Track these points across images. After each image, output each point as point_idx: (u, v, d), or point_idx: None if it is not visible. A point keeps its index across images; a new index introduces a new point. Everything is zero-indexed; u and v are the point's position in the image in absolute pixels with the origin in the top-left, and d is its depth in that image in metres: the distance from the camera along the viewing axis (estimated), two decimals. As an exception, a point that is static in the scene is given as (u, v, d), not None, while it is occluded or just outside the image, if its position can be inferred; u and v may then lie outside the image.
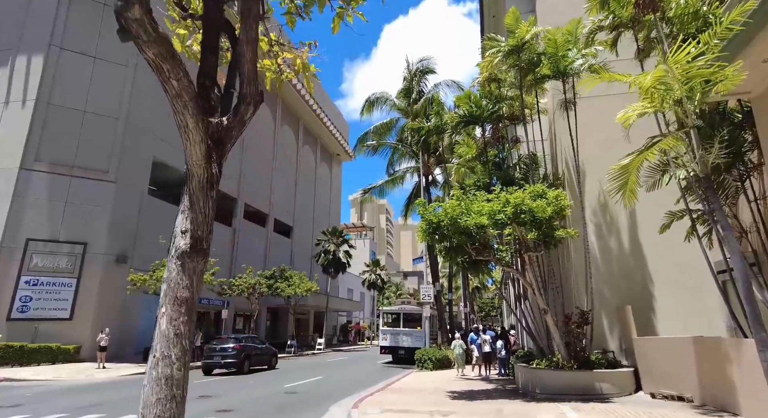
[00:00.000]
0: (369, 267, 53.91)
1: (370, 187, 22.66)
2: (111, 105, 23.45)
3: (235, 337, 19.59)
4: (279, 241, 40.35)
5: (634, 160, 5.99)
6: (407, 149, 21.20)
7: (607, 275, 11.93)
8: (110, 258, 22.13)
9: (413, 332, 22.55)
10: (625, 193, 6.53)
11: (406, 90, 23.90)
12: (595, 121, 13.00)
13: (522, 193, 9.82)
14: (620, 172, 6.33)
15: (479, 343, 14.61)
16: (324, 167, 53.38)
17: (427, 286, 18.64)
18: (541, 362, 10.95)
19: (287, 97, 42.55)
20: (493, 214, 9.84)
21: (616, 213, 12.28)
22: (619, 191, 6.73)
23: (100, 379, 14.87)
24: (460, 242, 10.55)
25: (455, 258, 11.47)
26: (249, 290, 25.80)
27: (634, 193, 6.55)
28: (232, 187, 33.55)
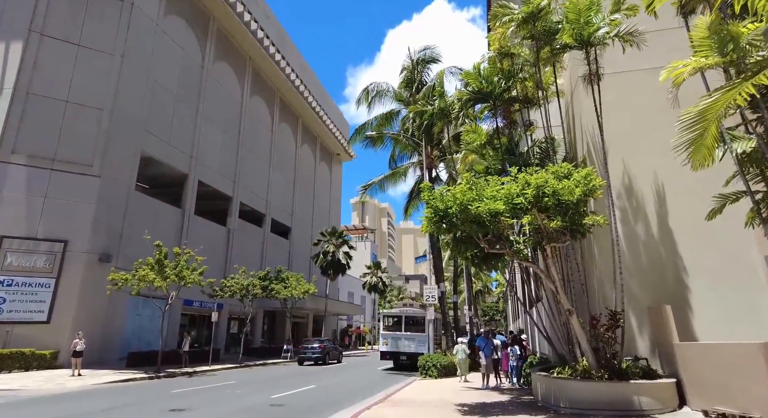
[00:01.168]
0: (370, 270, 52.47)
1: (370, 183, 21.26)
2: (95, 96, 22.18)
3: (319, 340, 27.24)
4: (276, 242, 38.96)
5: (718, 102, 4.50)
6: (409, 141, 19.78)
7: (635, 269, 10.50)
8: (93, 257, 20.75)
9: (416, 336, 21.09)
10: (698, 150, 5.08)
11: (407, 80, 22.56)
12: (618, 99, 11.62)
13: (544, 173, 8.41)
14: (694, 120, 4.87)
15: (490, 349, 13.08)
16: (324, 167, 52.06)
17: (430, 287, 17.20)
18: (564, 371, 9.50)
19: (286, 93, 41.34)
20: (510, 198, 8.43)
21: (643, 198, 10.88)
22: (688, 148, 5.28)
23: (71, 388, 13.45)
24: (470, 232, 9.13)
25: (464, 252, 10.06)
26: (242, 292, 24.35)
27: (711, 150, 5.09)
28: (227, 185, 32.23)
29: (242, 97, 34.94)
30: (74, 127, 21.38)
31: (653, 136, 11.10)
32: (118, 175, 22.69)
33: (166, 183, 29.06)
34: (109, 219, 21.85)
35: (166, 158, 26.28)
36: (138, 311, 23.58)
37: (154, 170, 27.32)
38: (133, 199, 23.57)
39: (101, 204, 21.45)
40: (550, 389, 9.37)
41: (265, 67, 37.47)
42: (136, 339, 23.29)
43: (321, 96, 47.68)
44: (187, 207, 27.85)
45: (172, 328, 25.78)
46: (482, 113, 13.73)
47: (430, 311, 16.79)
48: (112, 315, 21.52)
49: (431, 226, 9.33)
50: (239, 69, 34.83)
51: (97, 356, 20.36)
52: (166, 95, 26.63)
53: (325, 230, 39.16)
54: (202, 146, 29.60)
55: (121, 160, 22.90)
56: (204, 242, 28.11)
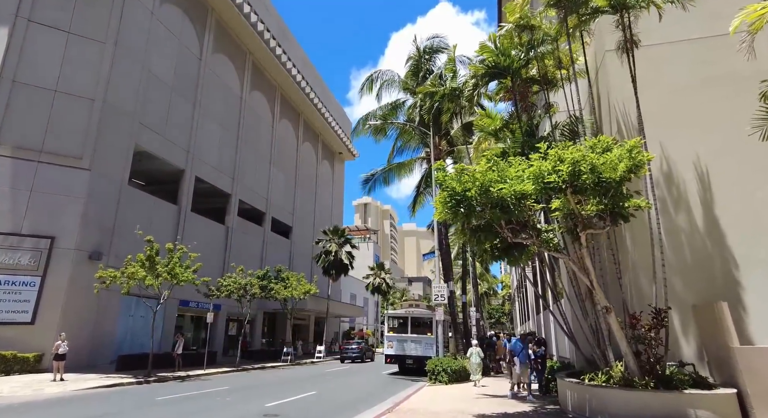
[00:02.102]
0: (373, 271, 51.28)
1: (374, 174, 20.05)
2: (86, 85, 21.13)
3: (357, 341, 34.82)
4: (277, 241, 37.84)
5: None
6: (416, 130, 18.59)
7: (677, 264, 9.29)
8: (82, 254, 19.65)
9: (423, 338, 19.87)
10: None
11: (413, 69, 21.40)
12: (652, 75, 10.45)
13: (581, 147, 7.23)
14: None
15: (527, 354, 11.32)
16: (326, 166, 50.97)
17: (439, 285, 15.99)
18: (598, 377, 8.30)
19: (287, 88, 40.31)
20: (540, 177, 7.24)
21: (684, 184, 9.69)
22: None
23: (48, 395, 12.31)
24: (491, 219, 7.95)
25: (483, 243, 8.87)
26: (239, 292, 23.19)
27: None
28: (226, 182, 31.14)
29: (242, 92, 33.90)
30: (63, 117, 20.33)
31: (694, 116, 9.94)
32: (110, 169, 21.62)
33: (162, 179, 28.01)
34: (99, 215, 20.76)
35: (161, 153, 25.21)
36: (131, 311, 22.46)
37: (148, 165, 26.26)
38: (125, 194, 22.49)
39: (91, 199, 20.37)
40: (584, 398, 8.16)
41: (265, 61, 36.44)
42: (128, 341, 22.16)
43: (323, 93, 46.65)
44: (183, 204, 26.76)
45: (167, 330, 24.68)
46: (497, 95, 12.56)
47: (439, 312, 15.58)
48: (102, 316, 20.41)
49: (446, 212, 8.16)
50: (238, 63, 33.80)
51: (86, 359, 19.27)
52: (162, 87, 25.59)
53: (327, 228, 38.01)
54: (200, 141, 28.53)
55: (113, 153, 21.83)
56: (201, 240, 27.01)
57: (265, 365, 24.80)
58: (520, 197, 7.66)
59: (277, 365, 25.48)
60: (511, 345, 11.34)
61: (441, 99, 15.00)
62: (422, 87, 16.65)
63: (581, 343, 10.39)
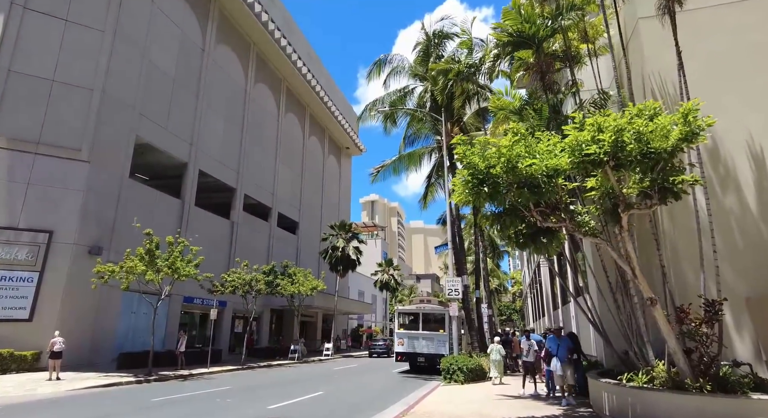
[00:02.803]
0: (381, 267, 50.36)
1: (383, 165, 19.11)
2: (85, 75, 20.45)
3: (383, 339, 38.20)
4: (283, 237, 37.10)
5: None
6: (427, 116, 17.61)
7: (727, 251, 8.29)
8: (81, 249, 19.00)
9: (435, 335, 18.96)
10: None
11: (423, 55, 20.39)
12: (691, 44, 9.39)
13: (624, 114, 6.25)
14: None
15: (565, 352, 9.71)
16: (332, 161, 50.12)
17: (453, 279, 15.07)
18: (639, 377, 7.34)
19: (292, 81, 39.48)
20: (577, 149, 6.28)
21: (733, 163, 8.64)
22: None
23: (40, 395, 11.61)
24: (519, 200, 7.01)
25: (507, 228, 7.92)
26: (244, 288, 22.43)
27: None
28: (230, 176, 30.42)
29: (246, 85, 33.13)
30: (61, 108, 19.66)
31: (741, 87, 8.89)
32: (110, 161, 20.95)
33: (165, 173, 27.34)
34: (99, 209, 20.10)
35: (163, 145, 24.51)
36: (133, 308, 21.81)
37: (151, 158, 25.60)
38: (126, 187, 21.82)
39: (91, 192, 19.71)
40: (624, 401, 7.20)
41: (270, 53, 35.62)
42: (131, 339, 21.52)
43: (329, 87, 45.74)
44: (187, 198, 26.06)
45: (171, 327, 24.04)
46: (516, 72, 11.55)
47: (453, 307, 14.65)
48: (103, 313, 19.76)
49: (466, 193, 7.22)
50: (243, 54, 33.03)
51: (86, 357, 18.65)
52: (164, 78, 24.87)
53: (334, 223, 37.20)
54: (203, 134, 27.81)
55: (113, 145, 21.16)
56: (206, 235, 26.34)
57: (271, 363, 24.07)
58: (551, 174, 6.71)
59: (283, 363, 24.74)
60: (547, 342, 10.31)
61: (455, 78, 14.01)
62: (435, 64, 15.64)
63: (614, 339, 9.42)
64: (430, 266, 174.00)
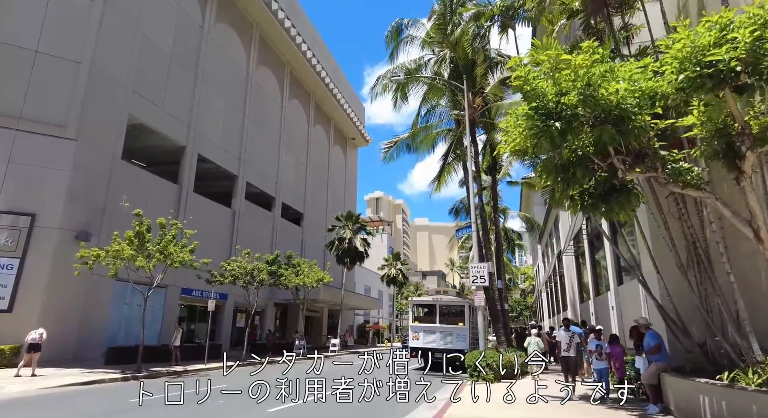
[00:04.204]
0: (388, 261, 48.70)
1: (396, 140, 17.34)
2: (72, 46, 18.85)
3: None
4: (287, 228, 35.47)
5: None
6: (447, 85, 15.79)
7: None
8: (68, 234, 17.45)
9: (453, 329, 17.25)
10: None
11: (439, 23, 18.56)
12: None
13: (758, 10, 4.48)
14: None
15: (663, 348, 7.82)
16: (338, 151, 48.39)
17: (477, 264, 13.33)
18: (750, 377, 5.59)
19: (296, 66, 37.76)
20: (689, 60, 4.52)
21: None
22: None
23: (9, 395, 10.01)
24: (599, 140, 5.26)
25: (572, 185, 6.16)
26: (246, 278, 20.80)
27: None
28: (232, 162, 28.80)
29: (248, 67, 31.46)
30: (45, 81, 18.09)
31: None
32: (100, 140, 19.37)
33: (163, 158, 25.75)
34: (88, 191, 18.53)
35: (159, 127, 22.90)
36: (126, 299, 20.25)
37: (147, 141, 24.02)
38: (119, 170, 20.23)
39: (78, 172, 18.14)
40: (737, 408, 5.45)
41: (273, 34, 33.91)
42: (123, 332, 19.99)
43: (335, 74, 43.97)
44: (185, 183, 24.46)
45: (168, 320, 22.48)
46: (560, 17, 9.78)
47: (479, 296, 12.92)
48: (92, 303, 18.22)
49: (526, 135, 5.48)
50: (244, 34, 31.35)
51: (72, 351, 17.14)
52: (159, 55, 23.24)
53: (340, 214, 35.53)
54: (203, 117, 26.18)
55: (103, 122, 19.57)
56: (205, 224, 24.73)
57: (275, 359, 22.42)
58: (642, 106, 4.96)
59: (289, 358, 23.08)
60: (650, 338, 8.39)
61: (490, 21, 12.21)
62: (465, 8, 13.85)
63: (692, 329, 7.66)
64: (435, 263, 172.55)
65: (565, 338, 10.11)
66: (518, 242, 43.98)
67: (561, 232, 25.21)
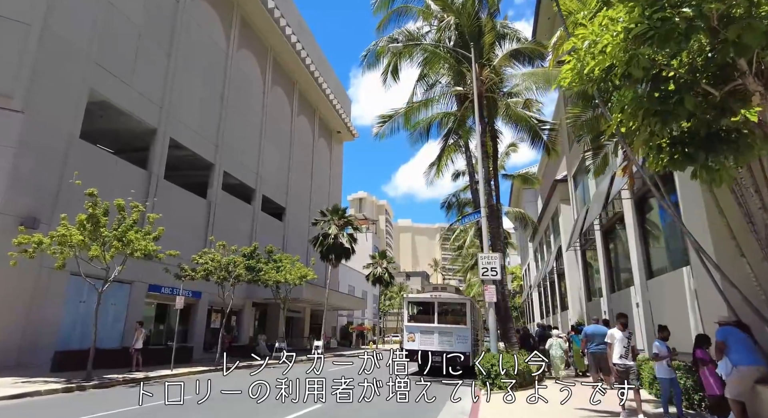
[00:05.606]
0: (374, 260, 46.90)
1: (392, 114, 15.43)
2: (19, 6, 16.49)
3: None
4: (268, 223, 33.27)
5: None
6: (450, 53, 14.03)
7: None
8: (10, 220, 15.09)
9: (454, 329, 15.53)
10: None
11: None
12: None
13: None
14: None
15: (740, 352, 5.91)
16: (323, 144, 46.34)
17: (488, 255, 11.63)
18: None
19: (280, 51, 35.65)
20: None
21: None
22: None
23: None
24: (738, 43, 3.53)
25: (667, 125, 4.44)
26: (221, 273, 18.67)
27: None
28: (208, 150, 26.55)
29: (228, 48, 29.24)
30: (-12, 44, 15.69)
31: None
32: (55, 115, 17.01)
33: (134, 142, 23.35)
34: (37, 172, 16.17)
35: (126, 105, 20.57)
36: (83, 296, 17.88)
37: (114, 123, 21.67)
38: (77, 150, 17.87)
39: (26, 150, 15.78)
40: None
41: (255, 16, 31.78)
42: (78, 334, 17.62)
43: (321, 64, 41.98)
44: (155, 169, 22.14)
45: (132, 320, 19.97)
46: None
47: (490, 291, 11.20)
48: (41, 301, 15.86)
49: (622, 42, 3.71)
50: (224, 14, 29.14)
51: (14, 356, 14.76)
52: (127, 25, 20.92)
53: (325, 208, 33.53)
54: (176, 98, 23.89)
55: (58, 95, 17.21)
56: (177, 215, 22.51)
57: (252, 363, 20.30)
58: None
59: (270, 364, 20.96)
60: (721, 335, 6.36)
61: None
62: None
63: None
64: (418, 264, 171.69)
65: (622, 340, 7.51)
66: (510, 241, 42.69)
67: (561, 227, 23.81)
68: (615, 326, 7.83)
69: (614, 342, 7.44)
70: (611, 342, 7.65)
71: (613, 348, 7.56)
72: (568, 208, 22.70)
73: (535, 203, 40.47)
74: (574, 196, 20.65)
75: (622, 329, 7.62)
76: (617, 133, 5.15)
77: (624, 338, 7.39)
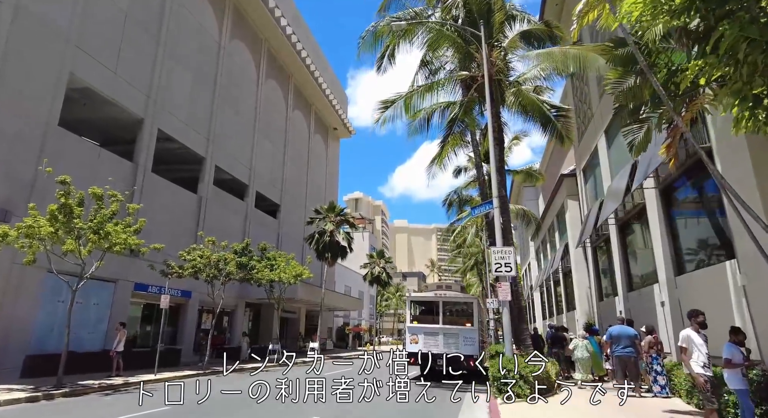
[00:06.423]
0: (372, 259, 45.81)
1: (394, 99, 14.29)
2: (-6, -19, 15.27)
3: None
4: (262, 220, 32.10)
5: None
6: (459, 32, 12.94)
7: None
8: (-20, 212, 13.86)
9: (460, 331, 14.48)
10: None
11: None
12: None
13: None
14: None
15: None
16: (318, 141, 45.18)
17: (501, 249, 10.58)
18: None
19: (275, 43, 34.51)
20: None
21: None
22: None
23: None
24: None
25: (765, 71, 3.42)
26: (210, 271, 17.50)
27: None
28: (199, 142, 25.36)
29: (220, 38, 28.08)
30: (-44, 21, 14.47)
31: None
32: (29, 99, 15.81)
33: (121, 134, 22.15)
34: (9, 161, 14.96)
35: (110, 92, 19.37)
36: (61, 295, 16.65)
37: (98, 112, 20.49)
38: (54, 139, 16.66)
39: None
40: None
41: (248, 5, 30.64)
42: (55, 336, 16.36)
43: (317, 58, 40.87)
44: (142, 161, 20.94)
45: (115, 321, 18.79)
46: None
47: (504, 288, 10.15)
48: (13, 301, 14.65)
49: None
50: (216, 1, 27.97)
51: (-17, 360, 13.52)
52: (112, 10, 19.74)
53: (321, 206, 32.40)
54: (165, 87, 22.71)
55: (34, 79, 16.02)
56: (166, 210, 21.37)
57: (244, 367, 19.15)
58: None
59: (258, 367, 19.80)
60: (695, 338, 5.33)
61: None
62: None
63: None
64: (414, 265, 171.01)
65: (702, 345, 6.20)
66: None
67: (568, 224, 22.82)
68: (690, 326, 6.46)
69: (692, 347, 6.16)
70: (686, 346, 6.29)
71: (688, 353, 6.23)
72: (576, 203, 21.73)
73: (536, 202, 39.54)
74: (584, 190, 19.66)
75: (699, 330, 6.36)
76: (693, 84, 4.13)
77: (704, 343, 6.15)
